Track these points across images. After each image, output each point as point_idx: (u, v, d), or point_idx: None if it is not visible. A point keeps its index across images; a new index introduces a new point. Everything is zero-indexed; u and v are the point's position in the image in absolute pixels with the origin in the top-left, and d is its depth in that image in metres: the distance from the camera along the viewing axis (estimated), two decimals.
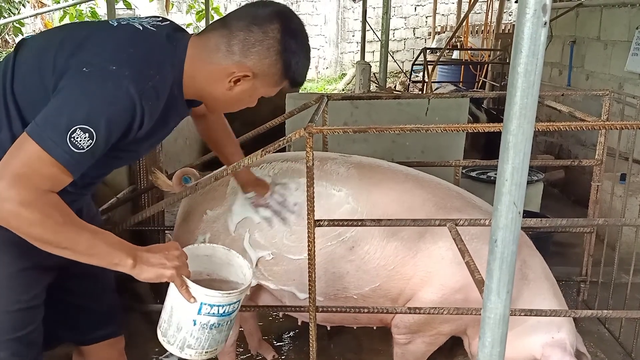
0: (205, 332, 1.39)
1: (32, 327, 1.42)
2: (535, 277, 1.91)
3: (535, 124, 0.85)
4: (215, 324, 1.40)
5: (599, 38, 4.76)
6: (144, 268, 1.29)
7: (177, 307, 1.38)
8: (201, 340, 1.40)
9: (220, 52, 1.33)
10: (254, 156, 1.69)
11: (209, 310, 1.36)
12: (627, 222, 2.24)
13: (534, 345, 1.85)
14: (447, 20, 12.80)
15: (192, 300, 1.34)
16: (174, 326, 1.39)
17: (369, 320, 2.11)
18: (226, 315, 1.41)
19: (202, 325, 1.38)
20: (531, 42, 0.79)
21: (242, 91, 1.39)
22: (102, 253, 1.25)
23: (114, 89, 1.20)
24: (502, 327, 0.94)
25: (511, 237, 0.89)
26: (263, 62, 1.33)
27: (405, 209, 1.89)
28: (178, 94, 1.37)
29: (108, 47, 1.27)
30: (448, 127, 1.61)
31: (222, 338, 1.46)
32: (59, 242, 1.19)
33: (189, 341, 1.39)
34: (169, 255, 1.33)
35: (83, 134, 1.17)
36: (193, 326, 1.37)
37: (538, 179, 3.70)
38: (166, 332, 1.41)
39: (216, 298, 1.36)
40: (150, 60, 1.28)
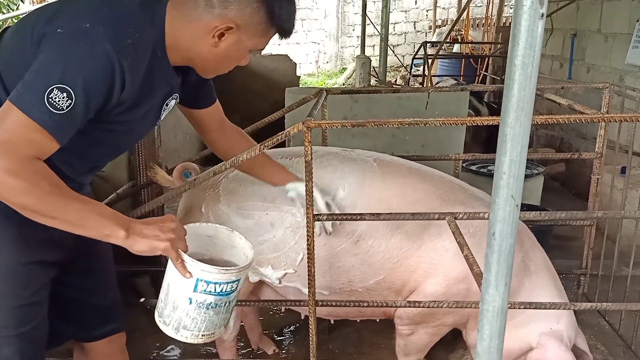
0: (201, 312, 1.34)
1: (36, 323, 1.41)
2: (537, 269, 1.92)
3: (534, 117, 0.85)
4: (212, 303, 1.34)
5: (599, 31, 4.74)
6: (136, 239, 1.25)
7: (173, 284, 1.34)
8: (197, 322, 1.36)
9: (200, 7, 1.29)
10: (252, 150, 1.69)
11: (205, 288, 1.31)
12: (627, 214, 2.24)
13: (531, 334, 1.86)
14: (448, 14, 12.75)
15: (187, 275, 1.30)
16: (170, 305, 1.35)
17: (372, 313, 2.12)
18: (224, 295, 1.35)
19: (198, 304, 1.33)
20: (528, 34, 0.79)
21: (228, 46, 1.33)
22: (93, 223, 1.22)
23: (89, 47, 1.17)
24: (500, 320, 0.94)
25: (509, 230, 0.89)
26: (244, 11, 1.29)
27: (409, 202, 1.90)
28: (162, 57, 1.33)
29: (82, 9, 1.25)
30: (447, 120, 1.60)
31: (219, 321, 1.41)
32: (48, 211, 1.17)
33: (185, 321, 1.35)
34: (164, 227, 1.29)
35: (61, 94, 1.14)
36: (189, 305, 1.33)
37: (538, 173, 3.69)
38: (162, 312, 1.37)
39: (213, 274, 1.31)
40: (127, 19, 1.25)
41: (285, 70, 5.72)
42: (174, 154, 3.83)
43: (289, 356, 2.54)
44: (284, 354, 2.56)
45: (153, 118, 1.47)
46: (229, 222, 1.95)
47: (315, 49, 12.39)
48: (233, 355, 2.24)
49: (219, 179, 2.00)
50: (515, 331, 1.84)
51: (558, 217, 1.70)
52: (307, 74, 11.61)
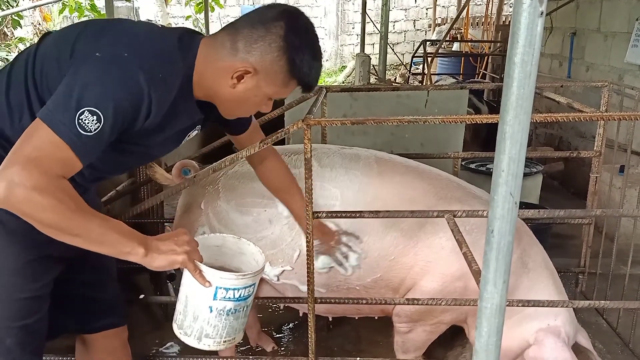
0: (222, 319, 1.38)
1: (39, 315, 1.44)
2: (535, 266, 1.92)
3: (533, 115, 0.86)
4: (232, 309, 1.38)
5: (599, 29, 4.74)
6: (154, 256, 1.28)
7: (192, 295, 1.36)
8: (219, 329, 1.39)
9: (226, 49, 1.34)
10: (252, 147, 1.70)
11: (224, 295, 1.35)
12: (625, 213, 2.25)
13: (529, 331, 1.86)
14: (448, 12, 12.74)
15: (207, 285, 1.33)
16: (190, 316, 1.38)
17: (370, 310, 2.12)
18: (242, 300, 1.39)
19: (218, 312, 1.36)
20: (527, 32, 0.79)
21: (246, 89, 1.37)
22: (113, 241, 1.24)
23: (124, 75, 1.21)
24: (498, 317, 0.94)
25: (508, 227, 0.89)
26: (265, 57, 1.32)
27: (407, 200, 1.90)
28: (188, 92, 1.37)
29: (124, 37, 1.29)
30: (446, 118, 1.61)
31: (239, 326, 1.44)
32: (71, 229, 1.18)
33: (207, 330, 1.38)
34: (179, 240, 1.33)
35: (91, 117, 1.17)
36: (210, 313, 1.36)
37: (537, 171, 3.69)
38: (182, 324, 1.40)
39: (231, 280, 1.35)
40: (163, 54, 1.30)
41: None
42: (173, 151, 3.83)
43: (288, 353, 2.54)
44: (282, 351, 2.57)
45: (171, 144, 1.52)
46: (228, 219, 1.96)
47: None
48: (232, 352, 2.25)
49: (218, 175, 2.00)
50: (512, 329, 1.84)
51: (557, 215, 1.70)
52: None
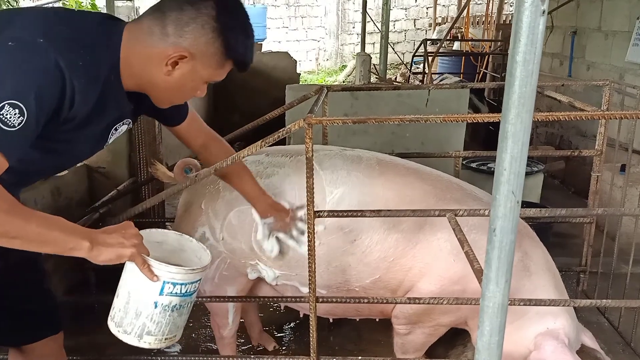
0: (166, 315, 1.34)
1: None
2: (537, 269, 1.91)
3: (534, 114, 0.85)
4: (177, 305, 1.35)
5: (599, 28, 4.74)
6: (101, 249, 1.23)
7: (135, 290, 1.32)
8: (161, 325, 1.35)
9: (155, 35, 1.27)
10: (253, 147, 1.69)
11: (171, 290, 1.32)
12: (626, 212, 2.24)
13: (529, 337, 1.85)
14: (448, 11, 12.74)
15: (155, 279, 1.29)
16: (132, 313, 1.33)
17: (370, 312, 2.12)
18: (188, 296, 1.37)
19: (163, 308, 1.33)
20: (530, 31, 0.79)
21: (182, 75, 1.31)
22: (55, 239, 1.18)
23: (42, 62, 1.14)
24: (500, 316, 0.94)
25: (510, 226, 0.89)
26: (199, 40, 1.27)
27: (407, 201, 1.90)
28: (116, 83, 1.30)
29: (37, 23, 1.21)
30: (447, 117, 1.60)
31: (181, 323, 1.41)
32: (7, 231, 1.12)
33: (149, 327, 1.34)
34: (126, 234, 1.27)
35: (12, 110, 1.09)
36: (154, 309, 1.32)
37: (538, 170, 3.69)
38: (122, 322, 1.35)
39: (180, 275, 1.32)
40: (83, 39, 1.23)
41: (285, 68, 5.72)
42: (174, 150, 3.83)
43: (289, 352, 2.54)
44: (284, 350, 2.57)
45: (97, 141, 1.42)
46: (228, 219, 1.96)
47: (315, 47, 12.38)
48: (233, 352, 2.25)
49: None
50: (512, 335, 1.84)
51: (558, 214, 1.70)
52: (307, 72, 11.61)
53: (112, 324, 1.38)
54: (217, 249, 1.98)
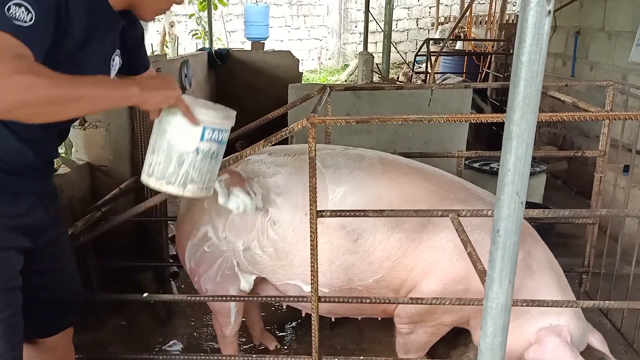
0: (206, 162, 1.42)
1: (14, 309, 1.40)
2: (539, 268, 1.91)
3: (538, 115, 0.85)
4: (215, 152, 1.45)
5: (603, 29, 4.73)
6: (150, 93, 1.30)
7: (176, 140, 1.39)
8: (202, 173, 1.43)
9: None
10: (256, 146, 1.69)
11: (210, 135, 1.40)
12: (629, 213, 2.24)
13: (531, 331, 1.85)
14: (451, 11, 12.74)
15: (196, 123, 1.37)
16: (174, 162, 1.40)
17: (372, 311, 2.12)
18: (222, 144, 1.46)
19: (204, 154, 1.41)
20: (535, 31, 0.79)
21: None
22: (107, 94, 1.24)
23: None
24: (503, 317, 0.94)
25: (514, 227, 0.89)
26: None
27: (410, 201, 1.90)
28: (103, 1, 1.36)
29: None
30: (451, 117, 1.60)
31: (216, 172, 1.51)
32: (67, 94, 1.17)
33: (192, 175, 1.41)
34: (168, 79, 1.35)
35: (19, 9, 1.15)
36: (196, 156, 1.40)
37: (541, 170, 3.69)
38: (164, 174, 1.41)
39: (219, 119, 1.41)
40: None
41: (287, 67, 5.72)
42: None
43: (291, 352, 2.55)
44: (285, 349, 2.57)
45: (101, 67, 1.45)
46: (230, 218, 1.96)
47: (318, 46, 12.38)
48: (235, 351, 2.25)
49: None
50: (514, 330, 1.84)
51: (561, 215, 1.70)
52: (309, 71, 11.61)
53: (151, 179, 1.44)
54: (220, 248, 1.98)
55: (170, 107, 1.38)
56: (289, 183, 1.94)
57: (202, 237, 2.00)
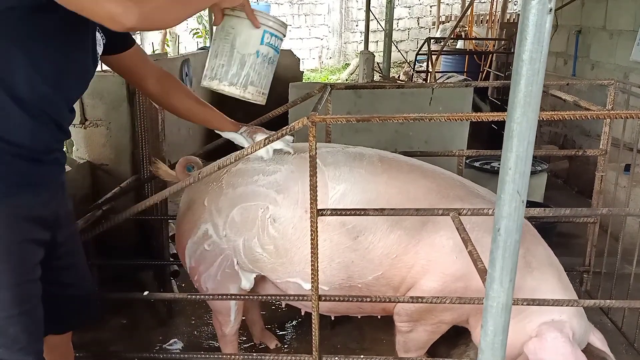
0: (264, 66, 1.53)
1: (35, 301, 1.42)
2: (539, 265, 1.91)
3: (539, 113, 0.85)
4: (272, 58, 1.56)
5: (604, 28, 4.72)
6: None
7: (240, 42, 1.50)
8: (261, 76, 1.54)
9: None
10: (257, 145, 1.69)
11: (269, 40, 1.53)
12: (630, 212, 2.23)
13: (532, 326, 1.84)
14: (452, 10, 12.72)
15: (258, 26, 1.49)
16: (237, 64, 1.51)
17: (372, 309, 2.12)
18: (277, 52, 1.58)
19: (263, 58, 1.53)
20: (536, 29, 0.78)
21: None
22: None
23: None
24: (504, 316, 0.94)
25: (514, 226, 0.89)
26: None
27: (410, 198, 1.90)
28: None
29: None
30: (452, 116, 1.60)
31: (270, 80, 1.61)
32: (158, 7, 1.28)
33: (252, 77, 1.52)
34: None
35: None
36: (256, 58, 1.52)
37: (542, 169, 3.69)
38: (226, 75, 1.51)
39: (277, 25, 1.54)
40: None
41: (288, 66, 5.72)
42: (177, 148, 3.83)
43: (291, 351, 2.54)
44: (285, 348, 2.57)
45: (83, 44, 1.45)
46: (231, 216, 1.96)
47: (319, 45, 12.37)
48: (235, 349, 2.25)
49: (221, 173, 2.00)
50: (515, 326, 1.83)
51: (562, 214, 1.69)
52: (310, 70, 11.61)
53: (214, 82, 1.54)
54: (220, 247, 1.98)
55: (236, 8, 1.50)
56: (289, 180, 1.94)
57: (203, 235, 2.00)
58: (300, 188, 1.91)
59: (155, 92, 1.81)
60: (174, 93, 1.81)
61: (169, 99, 1.83)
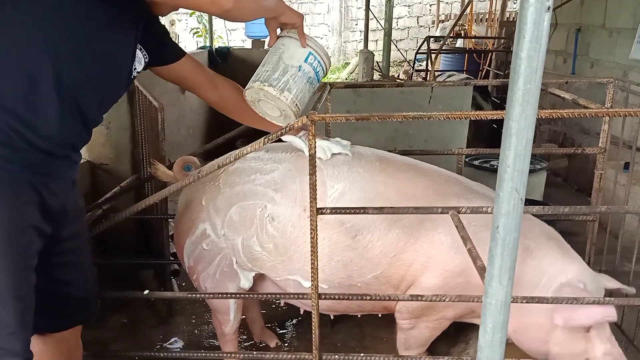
0: (303, 81, 1.63)
1: (28, 289, 1.41)
2: (537, 245, 1.92)
3: (538, 111, 0.85)
4: (311, 79, 1.66)
5: (604, 26, 4.72)
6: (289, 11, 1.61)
7: (286, 55, 1.63)
8: (299, 88, 1.63)
9: None
10: (256, 144, 1.70)
11: (312, 61, 1.64)
12: (629, 209, 2.24)
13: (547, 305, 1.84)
14: (451, 9, 12.72)
15: (305, 45, 1.63)
16: (280, 70, 1.61)
17: (372, 308, 2.12)
18: (317, 77, 1.69)
19: (304, 73, 1.63)
20: (534, 28, 0.79)
21: None
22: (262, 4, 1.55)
23: None
24: (503, 313, 0.94)
25: (513, 224, 0.89)
26: None
27: (408, 197, 1.90)
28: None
29: None
30: (452, 114, 1.60)
31: (307, 98, 1.70)
32: None
33: (290, 85, 1.61)
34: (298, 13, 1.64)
35: None
36: (298, 71, 1.62)
37: (541, 168, 3.69)
38: (269, 78, 1.61)
39: (321, 50, 1.67)
40: None
41: None
42: (177, 147, 3.84)
43: (291, 349, 2.55)
44: (286, 347, 2.57)
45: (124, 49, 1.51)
46: (229, 215, 1.96)
47: None
48: (235, 348, 2.25)
49: (219, 171, 2.00)
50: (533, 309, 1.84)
51: (561, 212, 1.70)
52: None
53: (255, 83, 1.62)
54: (219, 246, 1.99)
55: (290, 29, 1.64)
56: (287, 179, 1.94)
57: (201, 234, 2.00)
58: (298, 186, 1.92)
59: (212, 100, 1.87)
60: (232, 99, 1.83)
61: (227, 105, 1.87)
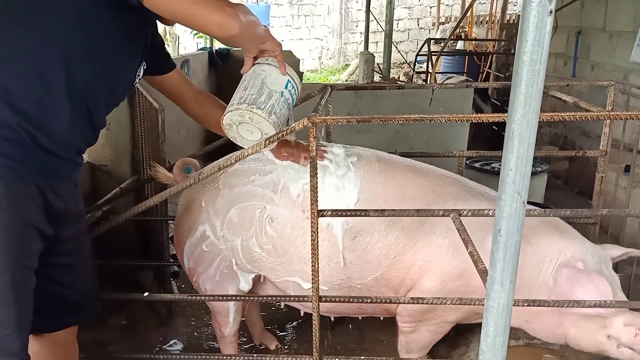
0: (284, 106, 1.71)
1: (27, 289, 1.40)
2: (533, 231, 1.91)
3: (540, 114, 0.85)
4: (289, 104, 1.75)
5: (604, 29, 4.72)
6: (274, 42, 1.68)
7: (269, 81, 1.70)
8: (281, 112, 1.70)
9: None
10: (257, 146, 1.69)
11: (290, 88, 1.73)
12: (630, 212, 2.23)
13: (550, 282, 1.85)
14: (452, 11, 12.73)
15: (284, 73, 1.71)
16: (265, 95, 1.68)
17: (373, 310, 2.12)
18: (293, 101, 1.77)
19: (285, 99, 1.71)
20: (537, 31, 0.78)
21: None
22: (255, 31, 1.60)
23: None
24: (505, 317, 0.94)
25: (515, 227, 0.89)
26: None
27: (407, 198, 1.91)
28: None
29: None
30: (453, 117, 1.60)
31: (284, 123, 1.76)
32: None
33: (275, 109, 1.68)
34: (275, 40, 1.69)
35: None
36: (280, 97, 1.70)
37: (542, 170, 3.68)
38: (256, 101, 1.66)
39: (297, 79, 1.77)
40: None
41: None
42: (177, 149, 3.83)
43: (291, 352, 2.54)
44: (286, 349, 2.57)
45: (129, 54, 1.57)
46: (228, 217, 1.96)
47: (318, 45, 12.38)
48: (234, 350, 2.25)
49: (218, 174, 2.00)
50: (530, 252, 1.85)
51: (562, 215, 1.70)
52: (310, 70, 11.61)
53: (242, 105, 1.66)
54: (218, 247, 1.98)
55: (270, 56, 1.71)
56: (286, 180, 1.94)
57: (200, 236, 2.00)
58: (296, 186, 1.92)
59: (195, 114, 1.92)
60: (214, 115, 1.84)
61: (209, 121, 1.90)
